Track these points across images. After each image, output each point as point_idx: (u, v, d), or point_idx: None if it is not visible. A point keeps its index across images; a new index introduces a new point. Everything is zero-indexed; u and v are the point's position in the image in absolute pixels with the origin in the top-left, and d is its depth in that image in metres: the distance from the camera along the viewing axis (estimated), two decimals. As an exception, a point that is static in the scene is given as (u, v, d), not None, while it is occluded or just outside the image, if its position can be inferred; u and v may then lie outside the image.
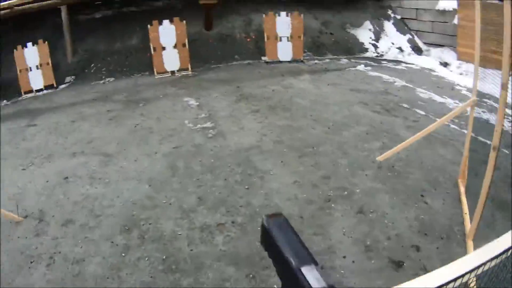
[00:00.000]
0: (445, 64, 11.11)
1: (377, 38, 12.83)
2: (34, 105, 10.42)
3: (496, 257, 1.51)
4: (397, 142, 5.89)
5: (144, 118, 8.23)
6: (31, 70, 11.42)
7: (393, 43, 12.56)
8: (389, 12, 13.17)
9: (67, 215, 5.17)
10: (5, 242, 4.78)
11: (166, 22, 11.21)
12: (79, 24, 12.63)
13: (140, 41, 12.23)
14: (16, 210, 5.35)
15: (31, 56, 11.36)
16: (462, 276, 1.35)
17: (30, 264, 4.36)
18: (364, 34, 12.99)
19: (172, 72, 11.41)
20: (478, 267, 1.44)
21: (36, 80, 11.45)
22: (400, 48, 12.37)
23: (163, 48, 11.34)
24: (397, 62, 11.63)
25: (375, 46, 12.65)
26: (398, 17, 13.13)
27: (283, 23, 11.58)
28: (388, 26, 13.00)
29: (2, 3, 9.99)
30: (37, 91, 11.47)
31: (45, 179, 6.15)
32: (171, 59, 11.31)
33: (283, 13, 11.57)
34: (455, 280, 1.33)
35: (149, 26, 11.23)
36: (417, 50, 12.23)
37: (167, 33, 11.21)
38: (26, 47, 11.32)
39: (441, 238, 4.21)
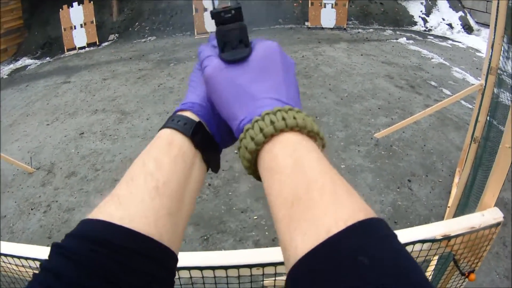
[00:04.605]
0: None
1: (428, 12, 11.91)
2: (73, 62, 10.67)
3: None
4: (408, 121, 5.37)
5: (169, 78, 8.20)
6: (75, 28, 11.68)
7: (443, 19, 11.60)
8: (444, -14, 12.18)
9: (72, 168, 5.40)
10: (16, 190, 5.11)
11: (208, -18, 10.93)
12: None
13: (186, 1, 11.96)
14: (30, 162, 5.66)
15: (76, 15, 11.60)
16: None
17: (30, 211, 4.67)
18: (415, 7, 12.07)
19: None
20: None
21: (80, 38, 11.73)
22: (450, 25, 11.41)
23: (205, 9, 11.10)
24: (443, 38, 10.70)
25: (425, 20, 11.74)
26: (453, -8, 12.09)
27: (329, -10, 10.97)
28: (441, 1, 12.02)
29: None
30: (80, 48, 11.74)
31: (63, 134, 6.38)
32: (211, 20, 10.99)
33: (329, -20, 10.93)
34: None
35: (191, -14, 10.99)
36: (468, 29, 11.24)
37: (209, -5, 10.94)
38: (72, 6, 11.52)
39: (410, 228, 3.73)
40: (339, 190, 0.46)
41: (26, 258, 1.42)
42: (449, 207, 3.90)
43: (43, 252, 1.42)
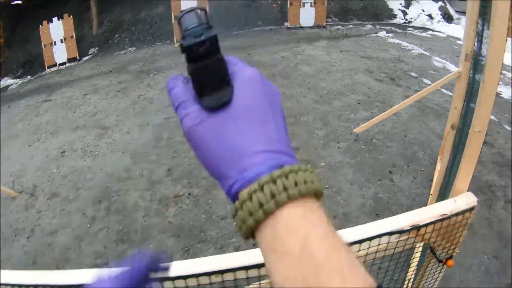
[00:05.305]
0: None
1: (407, 5, 11.93)
2: (54, 79, 10.54)
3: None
4: (388, 113, 5.32)
5: (149, 89, 8.14)
6: (55, 44, 11.55)
7: (423, 10, 11.64)
8: (423, -22, 12.19)
9: (54, 189, 5.32)
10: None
11: (187, -11, 10.85)
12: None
13: (166, 10, 11.94)
14: (13, 186, 5.54)
15: (56, 31, 11.48)
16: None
17: (14, 237, 4.58)
18: (394, 0, 12.12)
19: (192, 40, 11.17)
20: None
21: (60, 53, 11.59)
22: (430, 16, 11.44)
23: (184, 17, 11.01)
24: (423, 29, 10.74)
25: (404, 13, 11.77)
26: (432, -17, 12.11)
27: (307, -11, 10.94)
28: (421, -8, 12.06)
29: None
30: (60, 64, 11.61)
31: (45, 154, 6.28)
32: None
33: (307, -21, 10.90)
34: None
35: (170, -7, 10.92)
36: (448, 18, 11.27)
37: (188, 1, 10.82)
38: (51, 22, 11.41)
39: (393, 220, 3.66)
40: (345, 268, 0.44)
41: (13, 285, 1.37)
42: (431, 194, 3.86)
43: (27, 277, 1.38)
